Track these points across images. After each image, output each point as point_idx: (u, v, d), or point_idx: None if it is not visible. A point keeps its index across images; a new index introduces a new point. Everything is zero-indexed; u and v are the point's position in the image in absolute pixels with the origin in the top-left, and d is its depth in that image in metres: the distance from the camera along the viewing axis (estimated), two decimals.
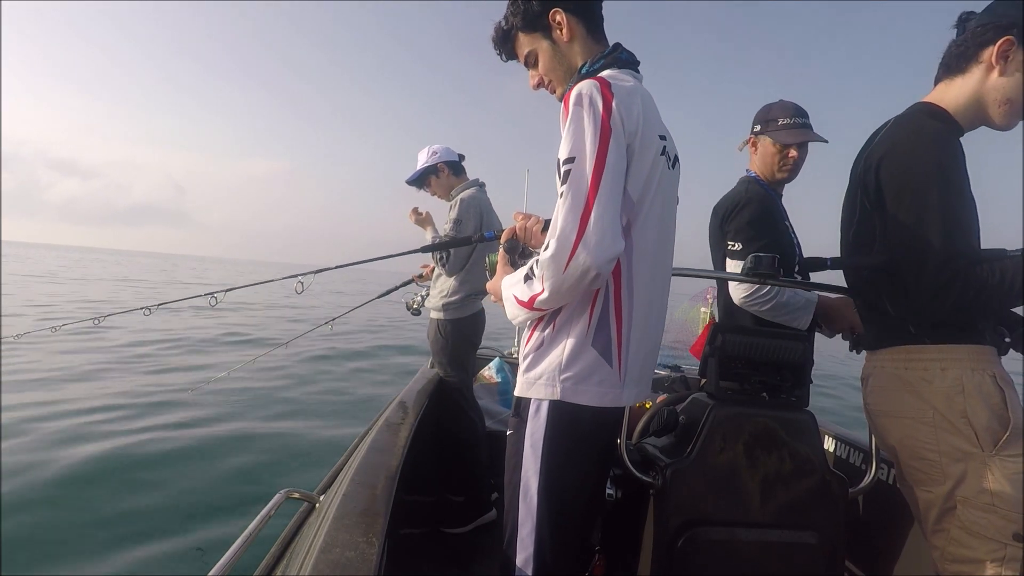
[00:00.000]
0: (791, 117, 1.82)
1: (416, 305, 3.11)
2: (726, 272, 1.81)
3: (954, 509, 1.12)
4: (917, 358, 1.19)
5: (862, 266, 1.32)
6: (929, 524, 1.18)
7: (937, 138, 1.13)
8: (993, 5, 1.19)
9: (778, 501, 1.37)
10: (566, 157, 1.01)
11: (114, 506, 3.31)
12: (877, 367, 1.29)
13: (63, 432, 4.33)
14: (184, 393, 5.37)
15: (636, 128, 1.04)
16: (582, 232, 0.95)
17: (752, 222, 1.74)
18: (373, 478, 1.39)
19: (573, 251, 0.95)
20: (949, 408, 1.13)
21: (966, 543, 1.11)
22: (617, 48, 1.20)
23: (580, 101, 1.02)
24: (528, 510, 1.08)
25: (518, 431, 1.11)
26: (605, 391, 1.07)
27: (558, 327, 1.08)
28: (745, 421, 1.38)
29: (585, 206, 0.97)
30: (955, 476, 1.12)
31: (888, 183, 1.17)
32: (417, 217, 2.74)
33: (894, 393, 1.22)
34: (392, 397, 2.48)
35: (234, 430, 4.80)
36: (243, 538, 1.06)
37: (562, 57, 1.22)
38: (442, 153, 2.75)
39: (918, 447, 1.18)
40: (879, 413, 1.28)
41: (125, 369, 6.86)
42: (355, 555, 0.97)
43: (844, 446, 2.09)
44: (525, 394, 1.10)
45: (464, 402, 2.73)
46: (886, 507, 1.76)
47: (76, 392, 5.53)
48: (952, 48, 1.23)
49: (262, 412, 5.46)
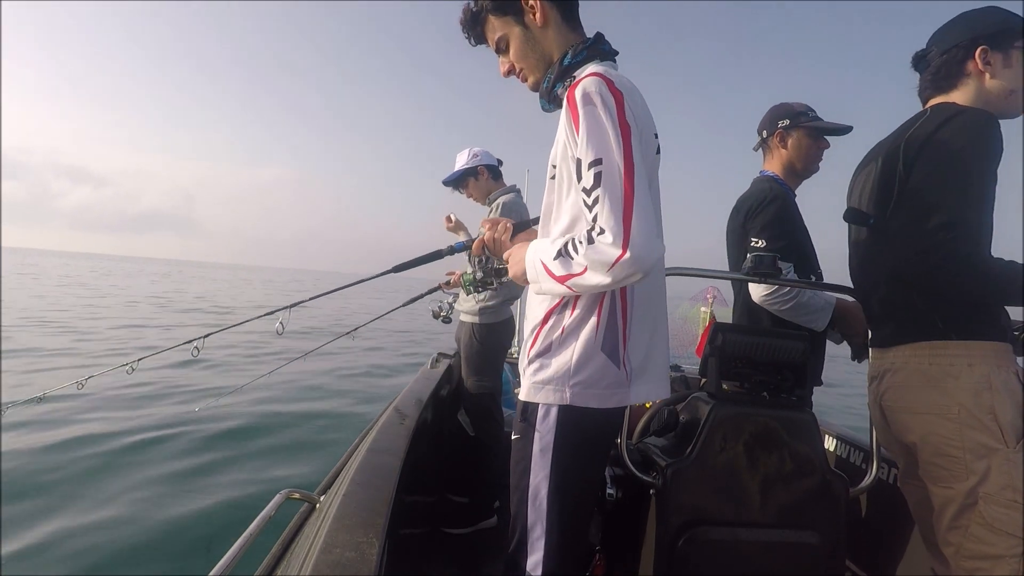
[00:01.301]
0: (811, 112, 1.86)
1: (444, 313, 3.09)
2: (726, 272, 1.81)
3: (974, 505, 1.13)
4: (942, 353, 1.19)
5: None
6: (945, 521, 1.18)
7: (983, 120, 1.17)
8: (942, 34, 1.31)
9: (779, 501, 1.37)
10: (593, 159, 0.96)
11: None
12: (896, 363, 1.27)
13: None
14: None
15: (640, 126, 1.02)
16: (627, 236, 0.91)
17: (777, 220, 1.75)
18: (373, 478, 1.39)
19: (620, 256, 0.91)
20: (976, 404, 1.13)
21: (986, 539, 1.11)
22: (599, 39, 1.16)
23: (591, 100, 0.99)
24: (537, 514, 1.07)
25: (526, 436, 1.11)
26: (612, 392, 1.07)
27: (567, 331, 1.07)
28: (745, 421, 1.38)
29: (625, 209, 0.93)
30: (979, 472, 1.12)
31: (929, 167, 1.19)
32: (450, 225, 2.79)
33: (917, 389, 1.22)
34: (392, 397, 2.48)
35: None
36: (243, 538, 1.06)
37: (535, 44, 1.16)
38: (483, 156, 2.75)
39: (941, 443, 1.17)
40: (898, 409, 1.27)
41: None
42: (355, 555, 0.97)
43: (844, 446, 2.09)
44: (533, 399, 1.09)
45: (494, 406, 2.73)
46: (887, 507, 1.76)
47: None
48: (931, 77, 1.32)
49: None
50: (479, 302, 2.69)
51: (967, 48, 1.26)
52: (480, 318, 2.69)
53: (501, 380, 2.81)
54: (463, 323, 2.79)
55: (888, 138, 1.35)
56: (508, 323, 2.78)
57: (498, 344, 2.75)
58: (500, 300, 2.69)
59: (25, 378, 6.54)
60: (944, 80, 1.30)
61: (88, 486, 3.75)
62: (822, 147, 1.86)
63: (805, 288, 1.70)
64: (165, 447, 4.59)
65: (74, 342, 9.55)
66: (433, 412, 2.55)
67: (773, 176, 1.89)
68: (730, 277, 1.75)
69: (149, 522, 3.28)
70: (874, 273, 1.36)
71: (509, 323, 2.79)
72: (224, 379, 7.16)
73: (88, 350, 8.85)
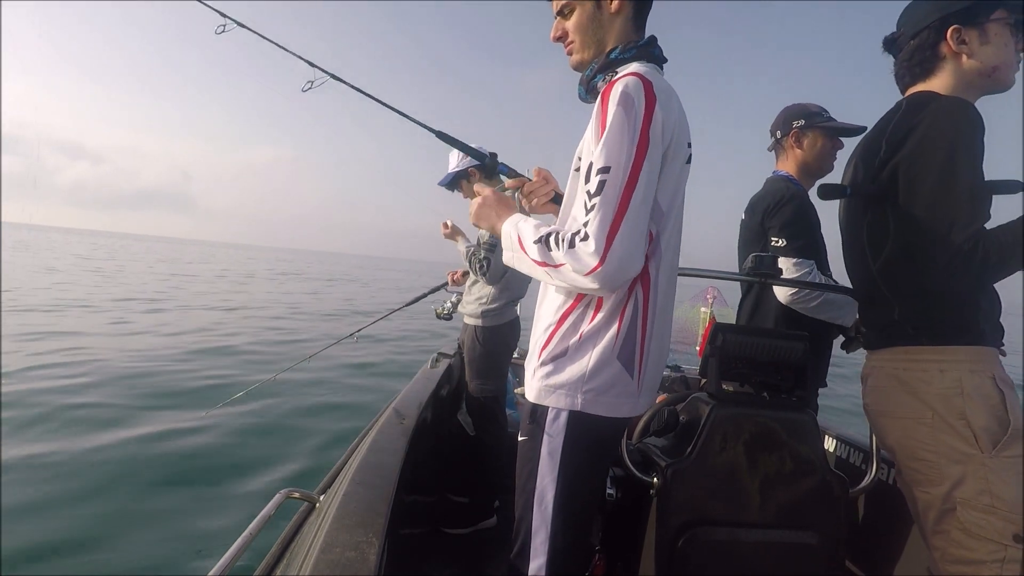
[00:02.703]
0: (825, 112, 1.88)
1: (446, 311, 3.07)
2: (727, 272, 1.81)
3: (953, 510, 1.12)
4: (915, 359, 1.18)
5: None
6: (928, 525, 1.18)
7: (955, 108, 1.12)
8: (910, 14, 1.24)
9: (778, 501, 1.37)
10: (602, 166, 0.97)
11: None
12: (876, 367, 1.28)
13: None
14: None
15: (672, 135, 1.02)
16: (607, 251, 0.94)
17: (796, 219, 1.77)
18: (373, 478, 1.39)
19: (595, 267, 0.94)
20: (948, 409, 1.12)
21: (966, 544, 1.11)
22: (652, 42, 1.15)
23: (625, 102, 0.97)
24: (543, 518, 1.07)
25: (534, 438, 1.10)
26: (623, 401, 1.06)
27: (585, 337, 1.06)
28: (745, 421, 1.38)
29: (613, 223, 0.94)
30: (954, 477, 1.11)
31: (909, 160, 1.15)
32: (446, 231, 2.77)
33: (892, 393, 1.22)
34: (393, 397, 2.48)
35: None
36: (243, 538, 1.06)
37: (599, 26, 1.14)
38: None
39: (916, 448, 1.17)
40: (878, 413, 1.28)
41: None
42: (355, 555, 0.97)
43: (844, 446, 2.09)
44: (544, 402, 1.08)
45: (498, 408, 2.72)
46: (886, 507, 1.76)
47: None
48: (905, 64, 1.25)
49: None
50: (482, 304, 2.67)
51: (938, 29, 1.18)
52: (483, 321, 2.67)
53: (505, 384, 2.79)
54: (466, 326, 2.77)
55: (870, 132, 1.32)
56: (512, 324, 2.76)
57: (502, 347, 2.72)
58: (503, 302, 2.67)
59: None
60: (919, 67, 1.23)
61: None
62: (836, 147, 1.88)
63: (808, 288, 1.71)
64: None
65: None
66: (433, 412, 2.54)
67: (788, 176, 1.90)
68: (730, 277, 1.75)
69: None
70: (861, 275, 1.35)
71: (514, 324, 2.77)
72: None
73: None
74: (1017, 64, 1.19)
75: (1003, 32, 1.16)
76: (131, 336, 8.62)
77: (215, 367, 6.98)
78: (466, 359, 2.76)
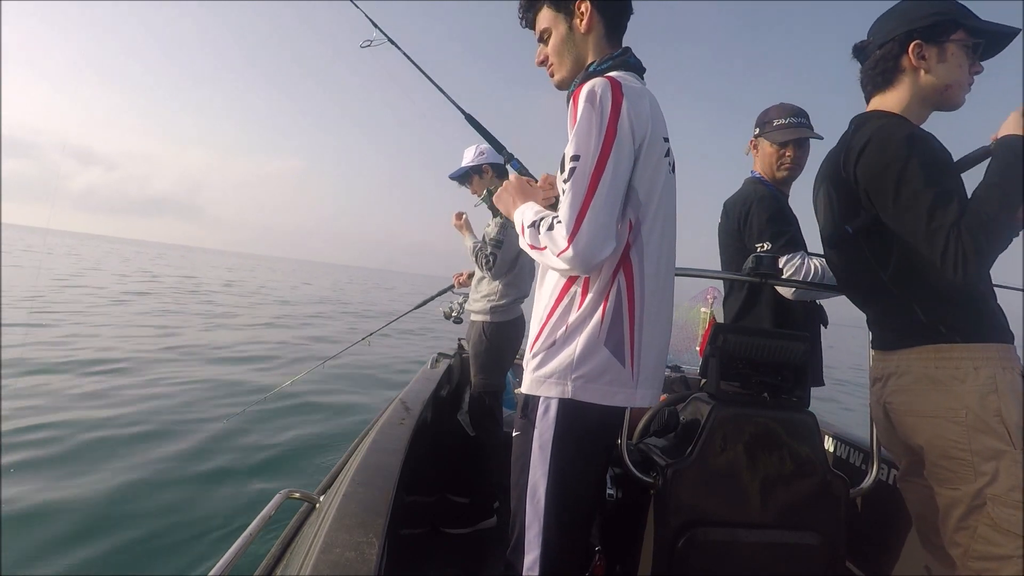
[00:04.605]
0: (786, 117, 1.90)
1: (455, 313, 3.06)
2: (727, 272, 1.81)
3: (983, 506, 1.12)
4: (948, 356, 1.18)
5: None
6: (952, 522, 1.18)
7: (896, 127, 1.18)
8: (880, 25, 1.29)
9: (779, 501, 1.37)
10: (572, 154, 1.04)
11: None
12: (902, 367, 1.27)
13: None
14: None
15: (645, 130, 1.07)
16: (574, 234, 1.00)
17: (770, 220, 1.79)
18: (373, 478, 1.39)
19: (565, 248, 1.01)
20: (983, 407, 1.13)
21: (994, 540, 1.11)
22: (627, 52, 1.22)
23: (591, 99, 1.04)
24: (535, 512, 1.07)
25: (525, 433, 1.11)
26: (616, 390, 1.07)
27: (572, 327, 1.08)
28: (746, 421, 1.38)
29: (582, 208, 1.01)
30: (988, 474, 1.12)
31: (871, 184, 1.19)
32: (458, 223, 2.79)
33: (924, 392, 1.21)
34: (392, 397, 2.48)
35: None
36: (243, 538, 1.06)
37: (572, 46, 1.22)
38: (488, 154, 2.73)
39: (948, 446, 1.17)
40: (905, 412, 1.26)
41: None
42: (355, 555, 0.97)
43: (844, 446, 2.09)
44: (534, 392, 1.10)
45: (495, 404, 2.72)
46: (887, 507, 1.76)
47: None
48: (869, 72, 1.31)
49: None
50: (489, 300, 2.68)
51: (902, 43, 1.24)
52: (491, 316, 2.68)
53: (505, 382, 2.79)
54: (473, 322, 2.78)
55: (831, 152, 1.35)
56: (518, 322, 2.76)
57: (507, 344, 2.73)
58: (511, 299, 2.68)
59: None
60: (880, 76, 1.29)
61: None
62: (787, 155, 1.90)
63: (803, 288, 1.71)
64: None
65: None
66: (433, 412, 2.54)
67: (759, 177, 1.95)
68: (731, 277, 1.75)
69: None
70: (868, 279, 1.34)
71: (519, 322, 2.77)
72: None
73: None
74: (968, 86, 1.25)
75: (959, 53, 1.22)
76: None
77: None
78: (471, 354, 2.76)
